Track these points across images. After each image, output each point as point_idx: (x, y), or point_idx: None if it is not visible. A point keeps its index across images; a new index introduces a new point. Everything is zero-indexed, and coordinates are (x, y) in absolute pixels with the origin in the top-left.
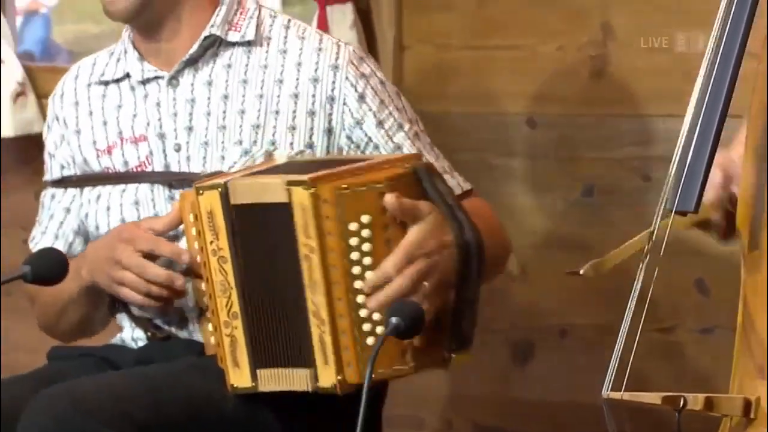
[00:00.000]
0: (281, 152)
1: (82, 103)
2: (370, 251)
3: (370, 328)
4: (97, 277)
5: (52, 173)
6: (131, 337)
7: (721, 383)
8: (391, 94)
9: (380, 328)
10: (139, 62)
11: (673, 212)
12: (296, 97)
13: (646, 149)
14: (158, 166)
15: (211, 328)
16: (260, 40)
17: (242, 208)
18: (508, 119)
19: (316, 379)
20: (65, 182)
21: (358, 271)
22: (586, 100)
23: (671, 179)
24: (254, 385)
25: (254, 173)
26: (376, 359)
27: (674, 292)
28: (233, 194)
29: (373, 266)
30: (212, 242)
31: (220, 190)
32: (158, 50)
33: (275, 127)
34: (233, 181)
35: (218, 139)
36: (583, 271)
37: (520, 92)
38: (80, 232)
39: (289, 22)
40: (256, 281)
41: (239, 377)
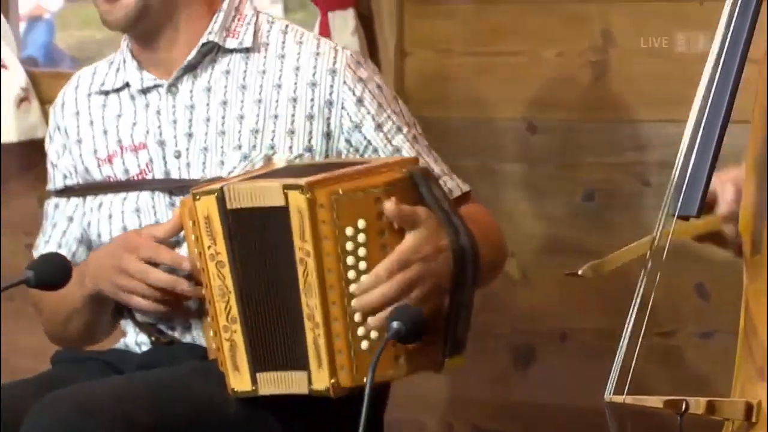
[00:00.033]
0: (280, 156)
1: (82, 112)
2: (365, 256)
3: (364, 332)
4: (101, 284)
5: (55, 183)
6: (135, 341)
7: (721, 387)
8: (388, 97)
9: (375, 332)
10: (138, 71)
11: (675, 217)
12: (295, 101)
13: (646, 154)
14: (158, 173)
15: (212, 333)
16: (258, 45)
17: (239, 212)
18: (508, 125)
19: (310, 381)
20: (68, 191)
21: (353, 275)
22: (586, 105)
23: (673, 184)
24: (254, 388)
25: (252, 177)
26: (372, 365)
27: (675, 296)
28: (231, 198)
29: (368, 271)
30: (210, 247)
31: (216, 195)
32: (156, 59)
33: (274, 131)
34: (231, 185)
35: (217, 144)
36: (581, 272)
37: (520, 98)
38: (83, 240)
39: (286, 27)
40: (254, 285)
41: (239, 381)
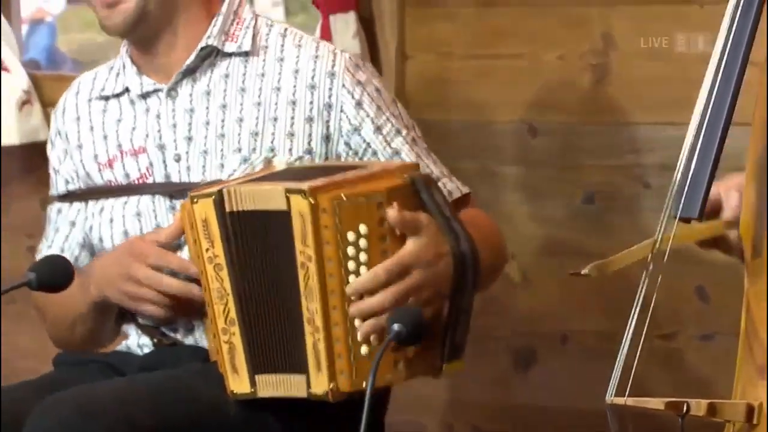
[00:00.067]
0: (280, 158)
1: (83, 118)
2: (366, 261)
3: (363, 337)
4: (107, 291)
5: (57, 188)
6: (137, 344)
7: (721, 389)
8: (387, 100)
9: (374, 337)
10: (137, 76)
11: (677, 218)
12: (294, 104)
13: (646, 157)
14: (159, 177)
15: (211, 335)
16: (257, 49)
17: (240, 214)
18: (509, 127)
19: (308, 385)
20: (70, 196)
21: (354, 280)
22: (586, 108)
23: (675, 186)
24: (253, 390)
25: (252, 180)
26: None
27: (675, 299)
28: (232, 201)
29: None
30: (208, 250)
31: (213, 198)
32: (156, 64)
33: (273, 133)
34: (234, 187)
35: (217, 147)
36: (586, 270)
37: (521, 101)
38: (86, 245)
39: (285, 30)
40: (253, 288)
41: (238, 383)
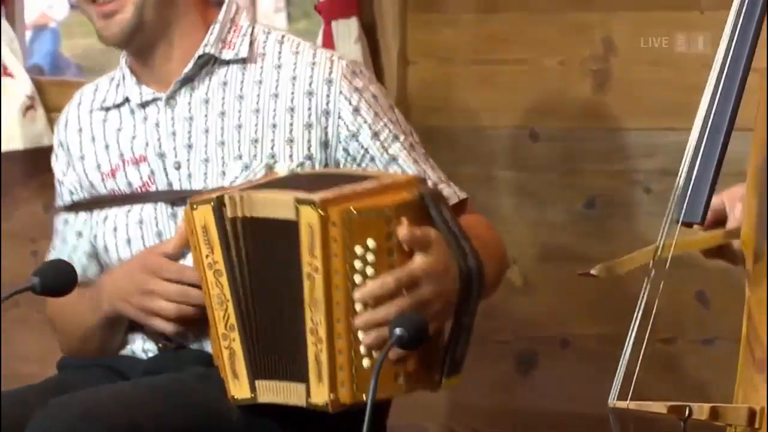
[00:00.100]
0: (281, 165)
1: (85, 129)
2: (373, 275)
3: (366, 350)
4: (119, 306)
5: (63, 199)
6: (142, 348)
7: (721, 394)
8: (384, 106)
9: (376, 351)
10: (137, 86)
11: (679, 223)
12: (292, 110)
13: (647, 162)
14: (161, 185)
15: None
16: (254, 56)
17: (247, 220)
18: (510, 132)
19: (308, 394)
20: (76, 206)
21: (361, 287)
22: (587, 113)
23: (678, 190)
24: (253, 396)
25: (255, 186)
26: (375, 375)
27: (675, 303)
28: (240, 207)
29: None
30: (208, 256)
31: (212, 204)
32: (153, 73)
33: (273, 140)
34: (242, 193)
35: (218, 155)
36: (595, 271)
37: (522, 106)
38: (93, 255)
39: (282, 37)
40: (254, 294)
41: (239, 388)
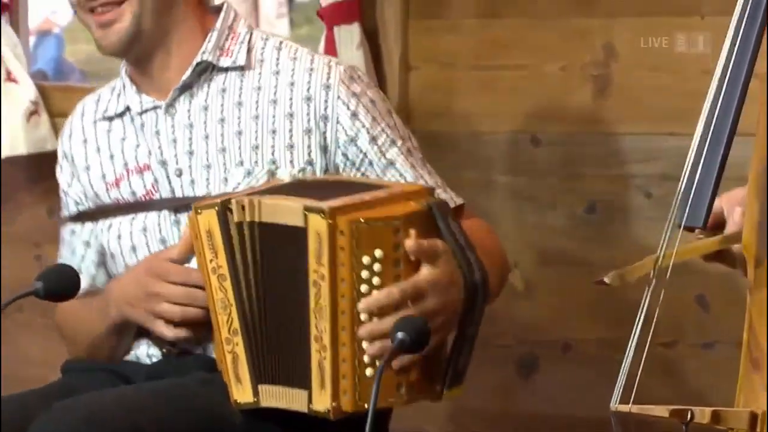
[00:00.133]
0: (283, 171)
1: (89, 140)
2: (379, 285)
3: (370, 359)
4: (127, 312)
5: (69, 209)
6: (146, 353)
7: (721, 398)
8: (382, 111)
9: (379, 361)
10: (137, 95)
11: (681, 227)
12: (291, 116)
13: (648, 167)
14: (164, 192)
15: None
16: (253, 63)
17: (253, 225)
18: (512, 137)
19: (310, 401)
20: (82, 216)
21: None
22: (588, 118)
23: (680, 195)
24: (256, 400)
25: (264, 192)
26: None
27: (675, 307)
28: (247, 212)
29: None
30: (212, 260)
31: (216, 208)
32: (153, 82)
33: (273, 146)
34: (250, 198)
35: (219, 161)
36: (609, 280)
37: (523, 111)
38: (101, 264)
39: (281, 44)
40: (258, 299)
41: (242, 393)
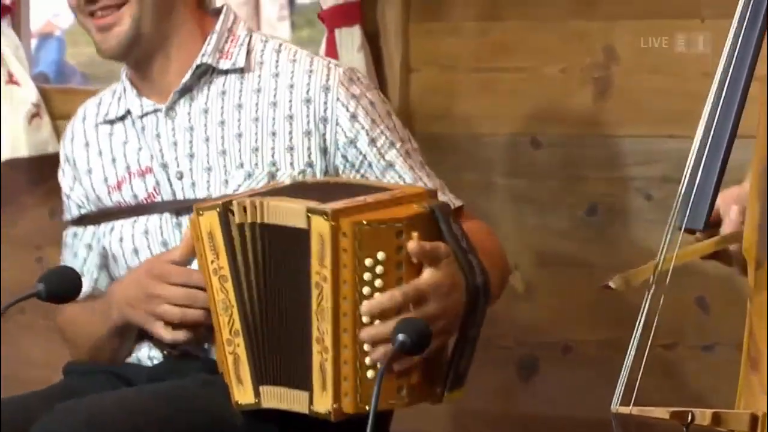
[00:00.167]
0: (283, 173)
1: (91, 143)
2: (381, 287)
3: (371, 361)
4: (128, 314)
5: (71, 212)
6: (147, 356)
7: (721, 400)
8: (381, 113)
9: (381, 364)
10: (137, 98)
11: (682, 230)
12: (291, 118)
13: (648, 169)
14: (166, 195)
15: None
16: (252, 65)
17: (256, 226)
18: (512, 140)
19: (311, 402)
20: (84, 220)
21: (369, 301)
22: (589, 120)
23: (680, 197)
24: (257, 401)
25: (266, 193)
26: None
27: (675, 309)
28: (250, 213)
29: None
30: (213, 261)
31: (218, 210)
32: (153, 85)
33: (273, 148)
34: (253, 200)
35: (220, 164)
36: (614, 284)
37: (524, 113)
38: (103, 266)
39: (280, 46)
40: (260, 300)
41: (243, 394)
